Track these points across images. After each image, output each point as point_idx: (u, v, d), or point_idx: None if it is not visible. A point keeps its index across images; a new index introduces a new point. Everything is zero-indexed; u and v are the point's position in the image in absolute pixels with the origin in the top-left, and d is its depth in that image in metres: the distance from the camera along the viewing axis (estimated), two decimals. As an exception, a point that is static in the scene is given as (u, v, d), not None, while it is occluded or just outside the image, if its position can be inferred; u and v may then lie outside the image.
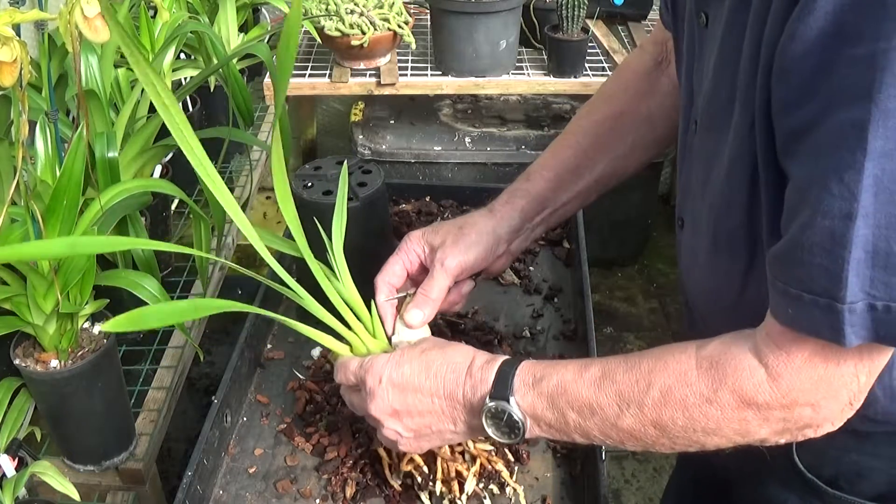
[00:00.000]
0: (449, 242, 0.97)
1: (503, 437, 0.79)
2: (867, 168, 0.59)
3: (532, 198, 1.03)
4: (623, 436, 0.74)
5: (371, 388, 0.83)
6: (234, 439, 1.05)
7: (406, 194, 1.53)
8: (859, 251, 0.61)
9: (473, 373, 0.80)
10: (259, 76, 2.07)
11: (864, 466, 0.85)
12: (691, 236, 0.88)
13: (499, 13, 1.96)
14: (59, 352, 0.98)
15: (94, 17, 0.84)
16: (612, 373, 0.74)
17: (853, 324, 0.63)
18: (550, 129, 2.42)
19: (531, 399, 0.77)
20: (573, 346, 1.21)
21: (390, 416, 0.83)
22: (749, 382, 0.69)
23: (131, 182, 1.10)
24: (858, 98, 0.59)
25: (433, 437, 0.84)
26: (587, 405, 0.74)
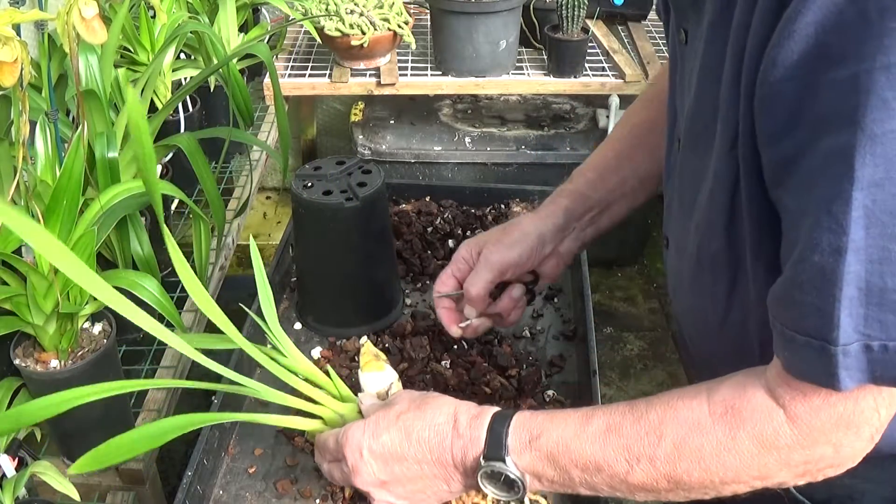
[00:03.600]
0: (492, 241, 0.97)
1: (503, 493, 0.75)
2: (856, 198, 0.56)
3: (575, 197, 1.01)
4: (633, 490, 0.71)
5: (353, 463, 0.79)
6: (234, 439, 1.05)
7: (406, 194, 1.53)
8: (851, 289, 0.58)
9: (461, 433, 0.76)
10: (259, 76, 2.07)
11: (857, 490, 0.83)
12: (676, 256, 0.86)
13: (499, 13, 1.96)
14: (59, 352, 0.98)
15: (91, 18, 0.84)
16: (617, 426, 0.71)
17: (847, 367, 0.60)
18: (550, 129, 2.42)
19: (529, 458, 0.73)
20: (573, 346, 1.21)
21: (379, 488, 0.79)
22: (769, 426, 0.65)
23: (131, 182, 1.10)
24: (844, 123, 0.56)
25: (429, 499, 0.80)
26: (593, 462, 0.71)
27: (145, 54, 1.45)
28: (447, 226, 1.45)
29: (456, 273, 1.00)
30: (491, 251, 0.96)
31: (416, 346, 1.16)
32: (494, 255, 0.95)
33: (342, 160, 1.23)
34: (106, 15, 1.33)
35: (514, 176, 2.40)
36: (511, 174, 2.40)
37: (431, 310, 1.27)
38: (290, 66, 2.14)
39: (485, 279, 0.95)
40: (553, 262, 1.01)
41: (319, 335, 1.23)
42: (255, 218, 2.81)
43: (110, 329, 1.03)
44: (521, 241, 0.97)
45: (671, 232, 0.88)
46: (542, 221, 0.99)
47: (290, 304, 1.30)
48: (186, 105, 1.58)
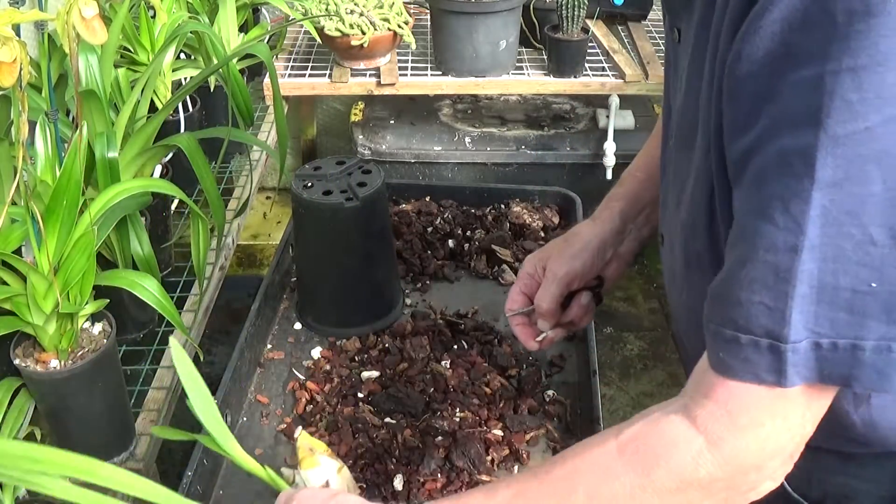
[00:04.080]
0: (555, 254, 0.99)
1: None
2: (815, 198, 0.56)
3: (628, 199, 1.02)
4: None
5: None
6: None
7: (406, 194, 1.53)
8: (804, 287, 0.57)
9: None
10: (259, 76, 2.06)
11: (851, 488, 0.83)
12: (669, 253, 0.86)
13: (499, 13, 1.96)
14: (59, 352, 0.98)
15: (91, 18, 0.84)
16: (524, 491, 0.68)
17: (796, 364, 0.59)
18: (550, 129, 2.42)
19: None
20: (573, 346, 1.21)
21: None
22: (686, 455, 0.63)
23: (131, 182, 1.10)
24: (806, 123, 0.55)
25: None
26: None
27: (145, 54, 1.45)
28: (447, 226, 1.45)
29: (524, 289, 1.02)
30: (555, 265, 0.98)
31: (416, 346, 1.16)
32: (559, 268, 0.98)
33: (342, 160, 1.23)
34: (106, 15, 1.33)
35: (514, 176, 2.40)
36: (511, 174, 2.40)
37: (432, 310, 1.27)
38: (290, 66, 2.14)
39: (553, 294, 0.97)
40: (615, 265, 1.03)
41: (319, 335, 1.23)
42: (255, 218, 2.80)
43: (110, 329, 1.03)
44: (583, 250, 0.99)
45: (665, 229, 0.88)
46: (600, 228, 1.01)
47: (290, 304, 1.30)
48: (186, 105, 1.58)
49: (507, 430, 1.04)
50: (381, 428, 1.03)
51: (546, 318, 0.99)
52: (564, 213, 1.49)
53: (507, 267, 1.36)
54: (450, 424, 1.04)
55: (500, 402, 1.08)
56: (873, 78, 0.53)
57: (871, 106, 0.54)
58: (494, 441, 1.02)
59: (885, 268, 0.56)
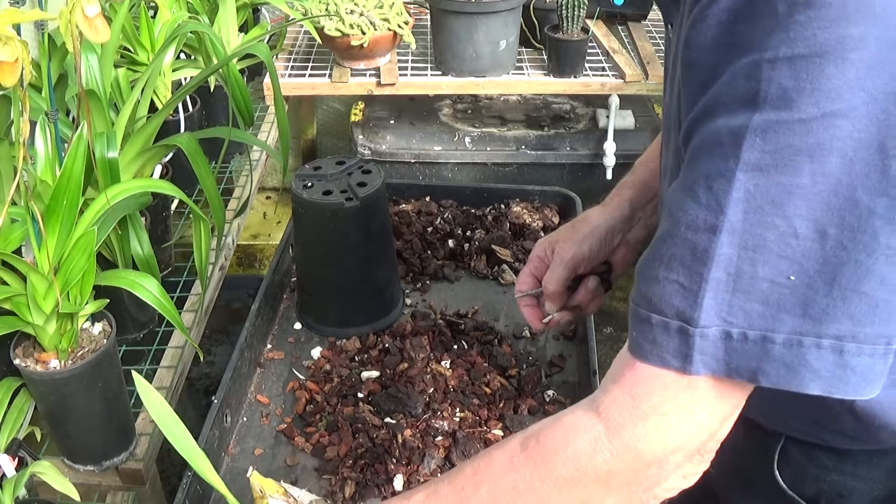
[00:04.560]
0: (564, 238, 1.01)
1: None
2: (738, 179, 0.55)
3: (638, 187, 1.03)
4: None
5: None
6: (234, 439, 1.05)
7: (406, 194, 1.53)
8: (720, 271, 0.56)
9: None
10: (259, 76, 2.06)
11: (845, 487, 0.83)
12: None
13: (499, 13, 1.96)
14: (59, 352, 0.98)
15: (94, 16, 0.84)
16: (434, 491, 0.68)
17: (703, 351, 0.58)
18: (550, 129, 2.42)
19: None
20: (573, 345, 1.21)
21: None
22: (584, 442, 0.61)
23: (131, 182, 1.10)
24: (741, 106, 0.56)
25: None
26: None
27: (145, 54, 1.45)
28: (447, 226, 1.45)
29: (534, 272, 1.03)
30: (563, 248, 0.99)
31: (416, 346, 1.16)
32: (567, 252, 0.99)
33: (342, 160, 1.23)
34: (106, 15, 1.33)
35: (514, 176, 2.40)
36: (511, 174, 2.40)
37: (432, 310, 1.27)
38: (290, 66, 2.14)
39: (560, 276, 0.98)
40: (623, 252, 1.03)
41: (319, 335, 1.23)
42: (255, 218, 2.80)
43: (110, 329, 1.03)
44: (591, 235, 1.00)
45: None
46: (608, 214, 1.02)
47: (290, 304, 1.30)
48: (186, 105, 1.58)
49: (507, 430, 1.04)
50: (381, 428, 1.03)
51: (553, 300, 1.00)
52: (564, 213, 1.49)
53: (507, 267, 1.36)
54: (450, 424, 1.04)
55: (500, 402, 1.08)
56: (811, 68, 0.53)
57: (808, 97, 0.54)
58: (494, 441, 1.02)
59: (805, 261, 0.55)
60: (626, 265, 1.04)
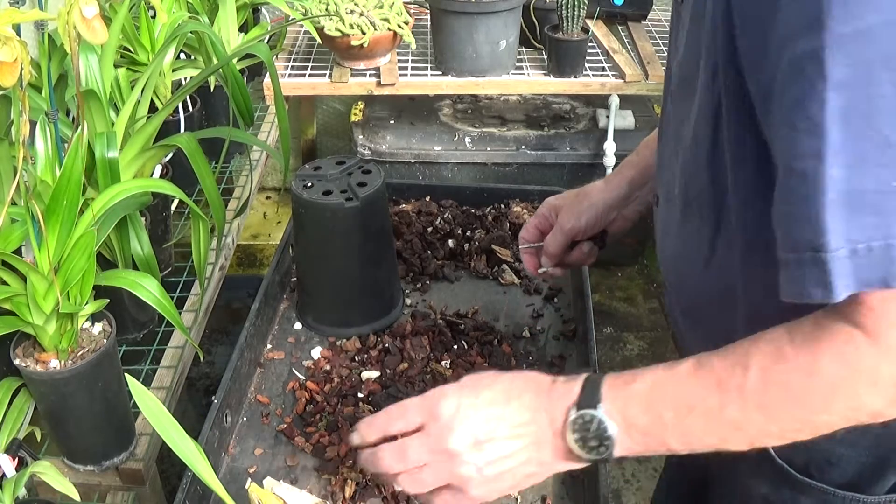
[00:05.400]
0: (567, 207, 1.11)
1: (590, 452, 0.71)
2: (830, 98, 0.57)
3: (638, 169, 1.09)
4: (727, 429, 0.68)
5: (446, 418, 0.74)
6: (234, 439, 1.05)
7: (406, 194, 1.53)
8: (833, 193, 0.59)
9: (557, 386, 0.74)
10: (259, 76, 2.06)
11: (834, 454, 0.85)
12: (665, 207, 0.89)
13: (499, 13, 1.96)
14: (59, 352, 0.98)
15: (92, 17, 0.84)
16: (706, 362, 0.69)
17: (839, 274, 0.60)
18: (550, 129, 2.42)
19: (622, 403, 0.70)
20: (573, 346, 1.21)
21: (472, 448, 0.74)
22: (849, 346, 0.64)
23: (131, 182, 1.10)
24: (810, 28, 0.57)
25: (517, 471, 0.75)
26: (685, 400, 0.69)
27: (145, 54, 1.45)
28: (447, 226, 1.45)
29: (538, 225, 1.14)
30: (564, 218, 1.10)
31: (416, 346, 1.16)
32: (567, 223, 1.09)
33: (342, 160, 1.23)
34: (106, 15, 1.33)
35: (514, 176, 2.40)
36: (511, 174, 2.40)
37: (432, 310, 1.27)
38: (290, 66, 2.14)
39: (559, 241, 1.10)
40: (619, 223, 1.12)
41: (319, 335, 1.23)
42: (255, 218, 2.80)
43: (110, 329, 1.03)
44: (589, 210, 1.09)
45: (661, 185, 0.91)
46: (608, 194, 1.10)
47: (290, 304, 1.30)
48: (186, 105, 1.58)
49: (507, 430, 1.04)
50: (381, 428, 1.03)
51: (550, 258, 1.11)
52: (564, 213, 1.49)
53: (507, 267, 1.36)
54: (450, 424, 1.04)
55: (500, 402, 1.08)
56: None
57: (869, 5, 0.56)
58: (494, 441, 1.02)
59: None
60: (619, 233, 1.14)
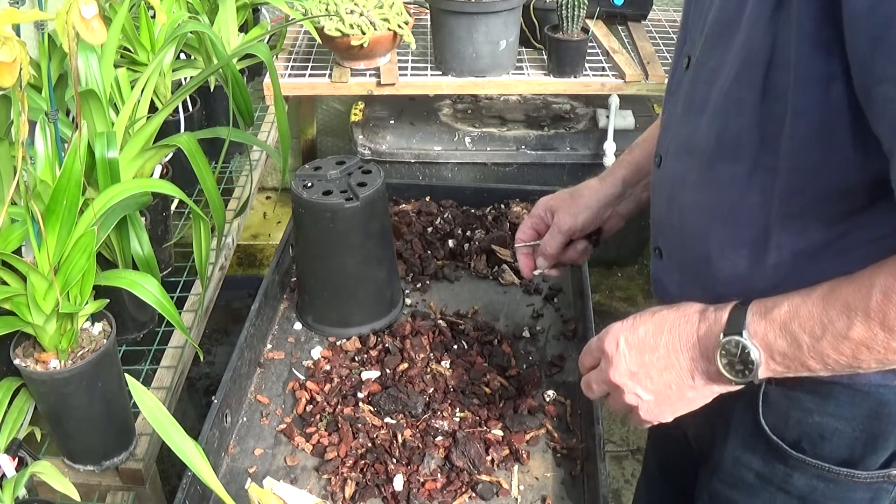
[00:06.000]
0: (563, 208, 1.14)
1: (737, 376, 0.78)
2: None
3: (633, 168, 1.12)
4: (855, 349, 0.72)
5: (609, 354, 0.85)
6: (234, 439, 1.05)
7: (406, 194, 1.53)
8: None
9: (707, 316, 0.80)
10: (259, 76, 2.06)
11: (827, 429, 0.86)
12: (675, 164, 0.90)
13: (499, 13, 1.96)
14: (59, 352, 0.98)
15: (91, 17, 0.84)
16: (836, 286, 0.73)
17: None
18: (550, 129, 2.42)
19: (763, 329, 0.76)
20: (573, 345, 1.21)
21: (630, 380, 0.84)
22: None
23: (131, 182, 1.10)
24: None
25: (673, 397, 0.83)
26: (818, 323, 0.73)
27: (145, 54, 1.45)
28: (447, 226, 1.45)
29: (534, 226, 1.17)
30: (560, 218, 1.13)
31: (416, 346, 1.16)
32: (564, 223, 1.13)
33: (342, 160, 1.23)
34: (106, 15, 1.33)
35: (514, 176, 2.40)
36: (511, 174, 2.40)
37: (431, 310, 1.27)
38: (290, 66, 2.14)
39: (557, 241, 1.13)
40: (613, 221, 1.16)
41: (319, 335, 1.23)
42: (255, 218, 2.80)
43: (110, 329, 1.03)
44: (586, 209, 1.13)
45: (669, 144, 0.92)
46: (602, 192, 1.13)
47: (290, 304, 1.30)
48: (186, 105, 1.58)
49: (507, 430, 1.04)
50: (381, 428, 1.03)
51: (547, 259, 1.14)
52: (564, 213, 1.49)
53: (507, 267, 1.36)
54: (450, 424, 1.04)
55: (500, 402, 1.08)
56: None
57: None
58: (494, 441, 1.02)
59: None
60: (614, 230, 1.17)
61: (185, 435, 0.78)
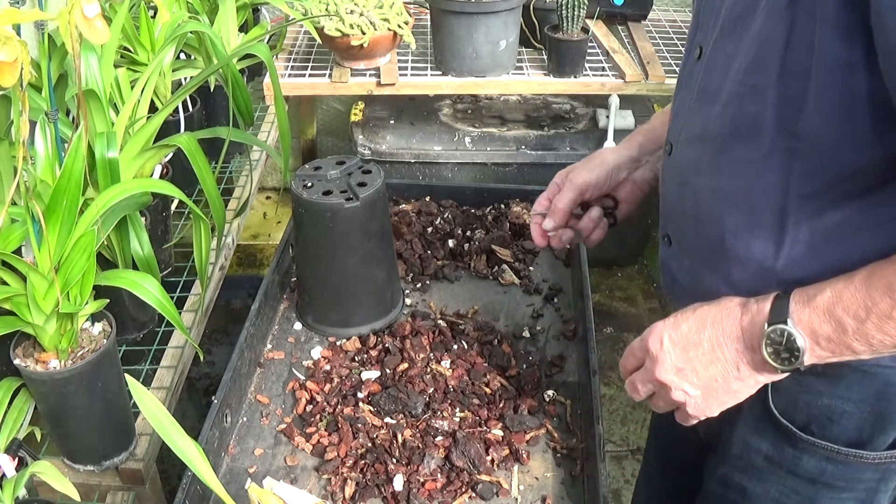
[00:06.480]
0: (578, 167, 1.15)
1: (783, 363, 0.79)
2: None
3: (648, 135, 1.14)
4: None
5: (654, 353, 0.86)
6: (234, 439, 1.05)
7: (406, 194, 1.53)
8: None
9: (749, 308, 0.82)
10: (259, 76, 2.06)
11: (836, 411, 0.88)
12: (688, 150, 0.91)
13: (499, 13, 1.96)
14: (59, 352, 0.98)
15: (94, 17, 0.84)
16: (879, 268, 0.74)
17: None
18: (550, 129, 2.42)
19: (808, 316, 0.77)
20: (573, 346, 1.21)
21: (676, 376, 0.85)
22: None
23: (131, 182, 1.10)
24: None
25: (720, 390, 0.84)
26: (862, 306, 0.74)
27: (145, 54, 1.45)
28: (447, 226, 1.45)
29: (550, 196, 1.16)
30: (574, 175, 1.13)
31: (416, 346, 1.16)
32: (577, 178, 1.13)
33: (342, 160, 1.23)
34: (106, 15, 1.33)
35: (514, 176, 2.40)
36: (511, 174, 2.40)
37: (431, 310, 1.27)
38: (290, 66, 2.14)
39: (568, 196, 1.12)
40: (628, 188, 1.15)
41: (319, 335, 1.23)
42: (255, 218, 2.81)
43: (110, 329, 1.03)
44: (600, 166, 1.13)
45: (681, 133, 0.93)
46: (618, 153, 1.14)
47: (290, 304, 1.30)
48: (186, 105, 1.58)
49: (507, 430, 1.04)
50: (381, 428, 1.03)
51: (555, 215, 1.13)
52: (564, 213, 1.49)
53: (507, 267, 1.36)
54: (450, 424, 1.04)
55: (500, 402, 1.08)
56: None
57: None
58: (494, 441, 1.02)
59: None
60: (630, 201, 1.16)
61: (185, 435, 0.78)
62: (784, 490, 0.95)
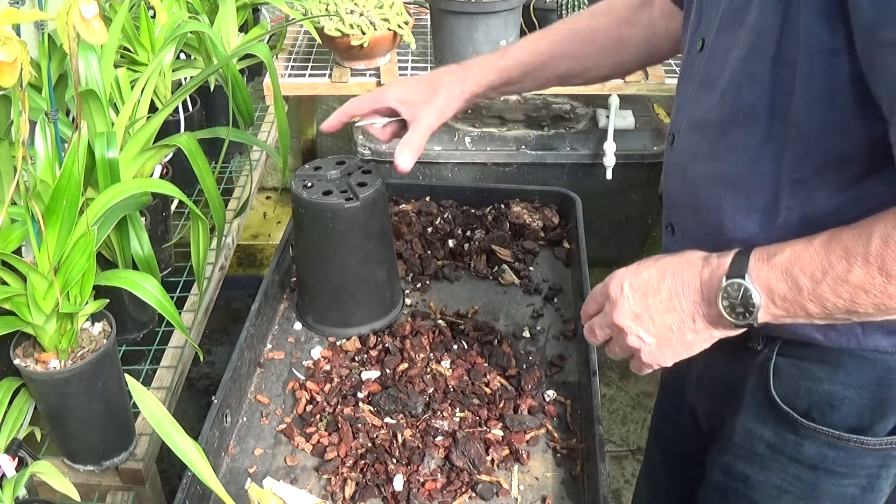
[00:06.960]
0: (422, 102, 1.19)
1: (738, 318, 0.80)
2: None
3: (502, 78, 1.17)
4: (854, 292, 0.74)
5: (614, 297, 0.88)
6: (234, 439, 1.05)
7: (406, 194, 1.53)
8: None
9: (710, 262, 0.83)
10: (259, 76, 2.06)
11: (836, 397, 0.89)
12: (688, 138, 0.93)
13: (499, 13, 1.96)
14: (59, 352, 0.98)
15: (92, 17, 0.84)
16: (837, 233, 0.76)
17: None
18: (550, 129, 2.42)
19: (765, 273, 0.78)
20: (573, 346, 1.21)
21: (633, 321, 0.86)
22: None
23: (131, 182, 1.10)
24: None
25: (674, 340, 0.86)
26: (819, 267, 0.75)
27: (145, 54, 1.45)
28: (447, 226, 1.45)
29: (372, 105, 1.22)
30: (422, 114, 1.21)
31: (416, 346, 1.16)
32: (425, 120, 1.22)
33: (342, 160, 1.23)
34: (106, 15, 1.33)
35: (514, 176, 2.40)
36: (511, 174, 2.40)
37: (431, 310, 1.27)
38: (290, 66, 2.14)
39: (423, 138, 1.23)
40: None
41: (319, 335, 1.23)
42: (255, 218, 2.80)
43: (110, 329, 1.03)
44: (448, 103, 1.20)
45: (682, 123, 0.94)
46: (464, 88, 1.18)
47: (290, 304, 1.30)
48: (186, 105, 1.58)
49: (507, 430, 1.04)
50: (381, 428, 1.03)
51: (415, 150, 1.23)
52: (564, 213, 1.49)
53: (507, 267, 1.36)
54: (450, 424, 1.04)
55: (500, 402, 1.08)
56: None
57: None
58: (494, 441, 1.02)
59: None
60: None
61: (185, 435, 0.78)
62: (786, 477, 0.96)
